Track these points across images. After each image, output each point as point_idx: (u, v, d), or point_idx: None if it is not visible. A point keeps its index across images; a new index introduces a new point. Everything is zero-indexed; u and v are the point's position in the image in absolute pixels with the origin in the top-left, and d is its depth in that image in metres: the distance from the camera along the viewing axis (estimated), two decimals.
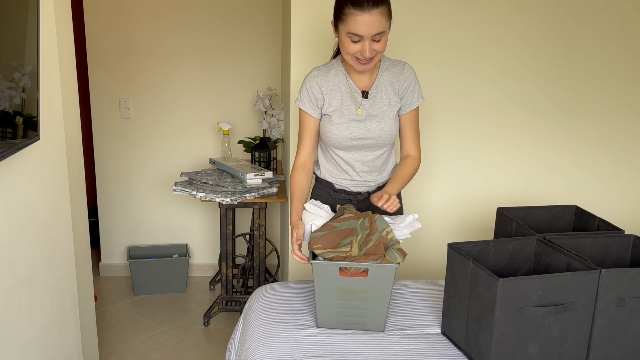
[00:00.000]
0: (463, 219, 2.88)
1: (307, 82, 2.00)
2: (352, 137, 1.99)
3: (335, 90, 1.98)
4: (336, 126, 1.98)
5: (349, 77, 1.99)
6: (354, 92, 1.98)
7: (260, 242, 3.06)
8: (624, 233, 1.88)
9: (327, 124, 2.00)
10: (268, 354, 1.65)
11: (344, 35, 1.84)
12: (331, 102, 1.98)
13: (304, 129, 2.04)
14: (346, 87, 1.98)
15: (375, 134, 1.99)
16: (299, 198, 2.03)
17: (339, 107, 1.98)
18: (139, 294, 3.55)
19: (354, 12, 1.78)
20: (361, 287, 1.73)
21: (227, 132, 3.37)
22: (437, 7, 2.61)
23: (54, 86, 1.95)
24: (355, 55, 1.85)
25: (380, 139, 2.01)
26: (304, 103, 2.00)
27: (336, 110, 1.98)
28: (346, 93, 1.98)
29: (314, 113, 2.00)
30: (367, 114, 1.99)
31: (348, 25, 1.80)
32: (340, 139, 1.99)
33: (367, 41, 1.81)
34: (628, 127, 2.86)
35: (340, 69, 1.99)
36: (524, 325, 1.50)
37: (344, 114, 1.98)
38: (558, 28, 2.70)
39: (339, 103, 1.98)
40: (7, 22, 1.44)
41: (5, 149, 1.44)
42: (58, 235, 1.97)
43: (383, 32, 1.82)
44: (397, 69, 2.01)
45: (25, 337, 1.67)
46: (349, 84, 1.98)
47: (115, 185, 3.68)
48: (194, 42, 3.53)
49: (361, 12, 1.77)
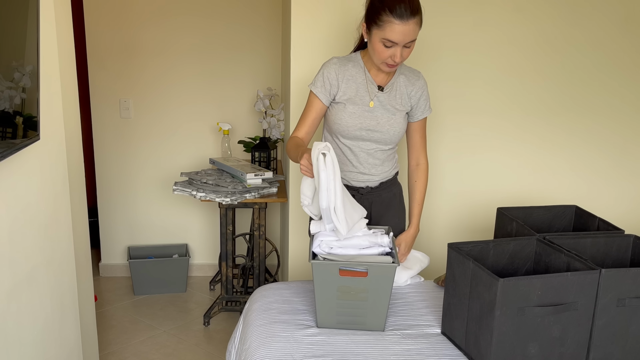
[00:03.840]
0: (463, 219, 2.88)
1: (325, 68, 2.03)
2: (362, 127, 2.04)
3: (352, 80, 2.03)
4: (349, 114, 2.03)
5: (367, 72, 2.04)
6: (370, 84, 2.04)
7: (260, 242, 3.06)
8: (624, 233, 1.88)
9: (339, 112, 2.04)
10: (268, 354, 1.65)
11: (377, 39, 1.89)
12: (346, 91, 2.03)
13: (309, 110, 2.06)
14: (363, 79, 2.03)
15: (385, 128, 2.05)
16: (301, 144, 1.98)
17: (353, 96, 2.03)
18: (139, 294, 3.55)
19: (392, 21, 1.83)
20: (361, 287, 1.73)
21: (227, 132, 3.37)
22: (437, 7, 2.61)
23: (54, 86, 1.95)
24: (386, 61, 1.92)
25: (389, 134, 2.06)
26: (317, 87, 2.03)
27: (350, 98, 2.03)
28: (362, 84, 2.03)
29: (323, 98, 2.03)
30: (380, 106, 2.04)
31: (385, 31, 1.85)
32: (350, 127, 2.04)
33: (400, 48, 1.88)
34: (628, 127, 2.86)
35: (359, 63, 2.05)
36: (524, 325, 1.50)
37: (357, 103, 2.03)
38: (558, 28, 2.70)
39: (353, 92, 2.03)
40: (7, 22, 1.44)
41: (5, 149, 1.44)
42: (58, 235, 1.97)
43: (414, 40, 1.89)
44: (413, 75, 2.10)
45: (25, 337, 1.67)
46: (366, 76, 2.04)
47: (115, 185, 3.68)
48: (194, 42, 3.53)
49: (400, 21, 1.83)
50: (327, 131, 2.15)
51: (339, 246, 1.82)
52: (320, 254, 1.80)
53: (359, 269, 1.72)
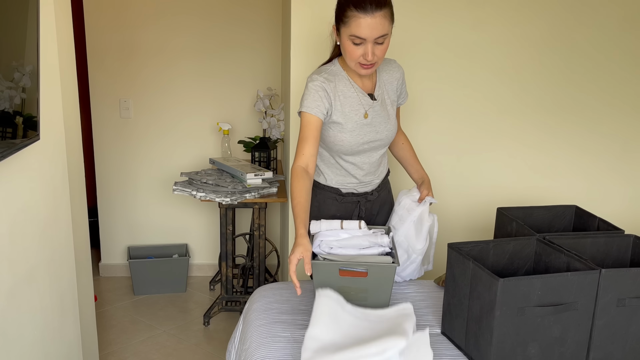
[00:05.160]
0: (463, 219, 2.88)
1: (312, 87, 1.90)
2: (364, 142, 1.98)
3: (343, 96, 1.94)
4: (349, 133, 1.94)
5: (353, 82, 1.96)
6: (361, 96, 1.96)
7: (260, 242, 3.06)
8: (624, 233, 1.88)
9: (338, 133, 1.95)
10: (268, 354, 1.65)
11: (346, 38, 1.82)
12: (341, 109, 1.93)
13: (308, 131, 1.90)
14: (352, 92, 1.95)
15: (384, 135, 2.01)
16: (305, 209, 1.82)
17: (348, 112, 1.94)
18: (139, 294, 3.55)
19: (356, 15, 1.76)
20: (361, 287, 1.73)
21: (227, 132, 3.37)
22: (437, 7, 2.61)
23: (54, 86, 1.95)
24: (359, 60, 1.84)
25: (387, 139, 2.03)
26: (311, 107, 1.89)
27: (347, 116, 1.94)
28: (354, 98, 1.95)
29: (319, 114, 1.90)
30: (376, 115, 1.98)
31: (351, 27, 1.78)
32: (353, 145, 1.97)
33: (370, 44, 1.80)
34: (628, 127, 2.86)
35: (343, 75, 1.96)
36: (524, 325, 1.50)
37: (354, 120, 1.95)
38: (558, 28, 2.70)
39: (348, 109, 1.94)
40: (7, 22, 1.44)
41: (5, 149, 1.44)
42: (58, 235, 1.97)
43: (386, 35, 1.81)
44: (390, 67, 2.04)
45: (25, 337, 1.67)
46: (354, 88, 1.96)
47: (115, 185, 3.68)
48: (194, 41, 3.53)
49: (364, 15, 1.76)
50: (326, 150, 2.04)
51: (339, 246, 1.81)
52: (320, 254, 1.80)
53: (359, 269, 1.72)
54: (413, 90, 2.60)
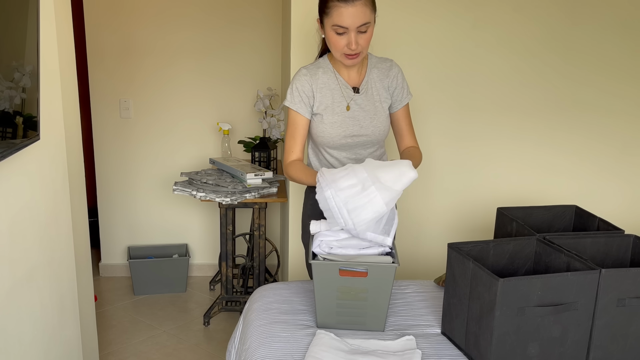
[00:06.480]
0: (463, 219, 2.88)
1: (296, 82, 1.99)
2: (346, 135, 2.00)
3: (325, 87, 1.99)
4: (329, 124, 1.98)
5: (338, 74, 2.00)
6: (344, 89, 1.99)
7: (260, 242, 3.06)
8: (624, 233, 1.88)
9: (319, 124, 2.00)
10: (268, 354, 1.65)
11: (329, 28, 1.86)
12: (322, 100, 1.98)
13: (294, 129, 2.01)
14: (336, 84, 1.99)
15: (369, 131, 2.01)
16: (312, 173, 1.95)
17: (330, 104, 1.99)
18: (139, 294, 3.55)
19: (337, 4, 1.81)
20: (361, 287, 1.73)
21: (227, 132, 3.37)
22: (437, 7, 2.61)
23: (54, 86, 1.95)
24: (343, 51, 1.88)
25: (374, 135, 2.03)
26: (295, 103, 1.99)
27: (327, 107, 1.98)
28: (336, 90, 1.99)
29: (305, 112, 1.99)
30: (359, 109, 2.00)
31: (333, 17, 1.83)
32: (334, 137, 2.00)
33: (353, 33, 1.84)
34: (628, 127, 2.86)
35: (329, 67, 2.01)
36: (524, 325, 1.50)
37: (335, 111, 1.99)
38: (557, 28, 2.70)
39: (329, 100, 1.99)
40: (7, 22, 1.44)
41: (5, 149, 1.44)
42: (58, 235, 1.97)
43: (368, 23, 1.84)
44: (385, 65, 2.05)
45: (25, 337, 1.67)
46: (338, 80, 2.00)
47: (115, 185, 3.68)
48: (194, 42, 3.53)
49: (345, 4, 1.80)
50: (312, 144, 2.10)
51: (339, 246, 1.81)
52: (320, 254, 1.80)
53: (359, 269, 1.72)
54: (413, 90, 2.60)
